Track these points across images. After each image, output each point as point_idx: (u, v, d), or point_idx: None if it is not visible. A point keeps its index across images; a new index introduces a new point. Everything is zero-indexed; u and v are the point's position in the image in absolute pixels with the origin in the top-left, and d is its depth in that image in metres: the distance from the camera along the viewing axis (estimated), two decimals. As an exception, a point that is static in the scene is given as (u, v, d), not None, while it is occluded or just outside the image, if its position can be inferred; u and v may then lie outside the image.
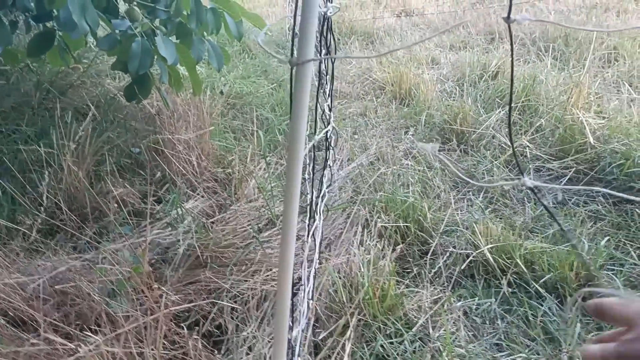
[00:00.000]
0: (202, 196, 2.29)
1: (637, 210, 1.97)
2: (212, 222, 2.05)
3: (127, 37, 2.19)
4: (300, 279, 1.79)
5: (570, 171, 2.30)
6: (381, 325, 1.51)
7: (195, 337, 1.36)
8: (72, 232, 1.99)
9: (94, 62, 3.68)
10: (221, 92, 3.08)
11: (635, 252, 1.80)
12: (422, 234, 1.96)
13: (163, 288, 1.36)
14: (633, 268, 1.73)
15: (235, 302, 1.62)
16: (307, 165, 2.30)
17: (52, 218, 2.01)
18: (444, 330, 1.51)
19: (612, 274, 1.70)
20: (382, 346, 1.46)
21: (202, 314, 1.57)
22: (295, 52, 0.62)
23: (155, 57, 2.26)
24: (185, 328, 1.42)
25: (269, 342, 1.49)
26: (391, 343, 1.46)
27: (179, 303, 1.43)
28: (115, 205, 2.05)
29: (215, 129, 2.77)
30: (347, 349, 1.40)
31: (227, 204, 2.21)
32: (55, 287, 1.37)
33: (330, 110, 0.95)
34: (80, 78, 3.50)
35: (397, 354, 1.42)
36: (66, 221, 1.98)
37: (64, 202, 2.01)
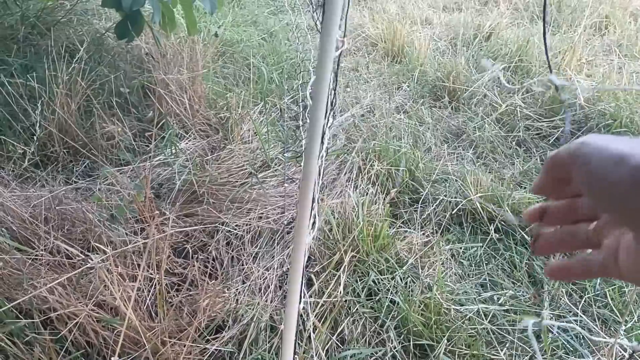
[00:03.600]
0: (195, 138, 2.28)
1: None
2: (206, 162, 2.05)
3: (121, -28, 2.14)
4: (294, 219, 1.82)
5: (558, 130, 2.36)
6: (374, 263, 1.56)
7: (195, 264, 1.39)
8: (63, 164, 1.97)
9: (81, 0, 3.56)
10: (215, 34, 3.03)
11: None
12: (413, 182, 2.00)
13: (166, 213, 1.38)
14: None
15: (231, 236, 1.65)
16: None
17: (44, 149, 1.99)
18: (434, 269, 1.57)
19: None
20: (374, 281, 1.51)
21: (199, 246, 1.60)
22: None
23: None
24: (189, 253, 1.45)
25: (264, 273, 1.53)
26: (383, 278, 1.52)
27: (180, 230, 1.44)
28: (107, 141, 2.03)
29: (208, 72, 2.74)
30: (342, 281, 1.44)
31: (220, 146, 2.21)
32: (57, 207, 1.37)
33: (344, 34, 0.93)
34: (67, 15, 3.39)
35: (389, 288, 1.48)
36: (58, 153, 1.96)
37: (56, 134, 1.98)
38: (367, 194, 1.85)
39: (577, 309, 1.43)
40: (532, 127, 2.44)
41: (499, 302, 1.48)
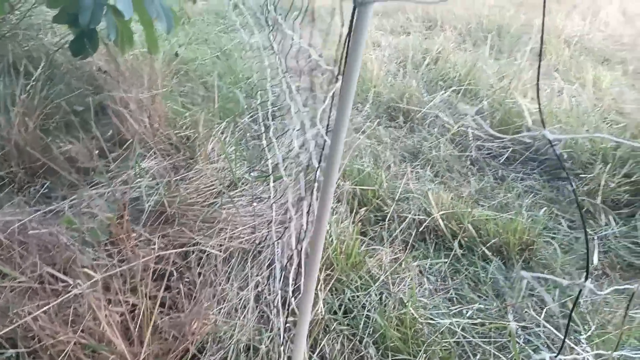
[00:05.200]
0: (157, 157, 2.25)
1: (567, 187, 2.20)
2: (170, 182, 2.03)
3: (77, -13, 2.10)
4: (265, 238, 1.84)
5: (507, 151, 2.51)
6: (348, 280, 1.60)
7: (172, 286, 1.38)
8: (20, 186, 1.90)
9: (27, 14, 3.43)
10: (176, 54, 3.01)
11: (566, 223, 2.01)
12: (377, 201, 2.06)
13: (146, 234, 1.36)
14: (565, 236, 1.94)
15: (204, 257, 1.64)
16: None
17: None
18: (405, 285, 1.62)
19: (548, 240, 1.91)
20: (349, 298, 1.55)
21: (173, 268, 1.58)
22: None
23: (105, 11, 2.18)
24: (165, 275, 1.43)
25: (239, 292, 1.54)
26: (358, 295, 1.56)
27: (155, 252, 1.43)
28: (66, 162, 1.97)
29: (167, 91, 2.72)
30: (321, 299, 1.47)
31: (183, 165, 2.20)
32: (29, 232, 1.32)
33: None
34: (12, 30, 3.26)
35: (364, 304, 1.52)
36: (15, 174, 1.89)
37: (13, 154, 1.90)
38: (336, 212, 1.90)
39: (540, 319, 1.52)
40: (483, 147, 2.58)
41: (468, 315, 1.55)
